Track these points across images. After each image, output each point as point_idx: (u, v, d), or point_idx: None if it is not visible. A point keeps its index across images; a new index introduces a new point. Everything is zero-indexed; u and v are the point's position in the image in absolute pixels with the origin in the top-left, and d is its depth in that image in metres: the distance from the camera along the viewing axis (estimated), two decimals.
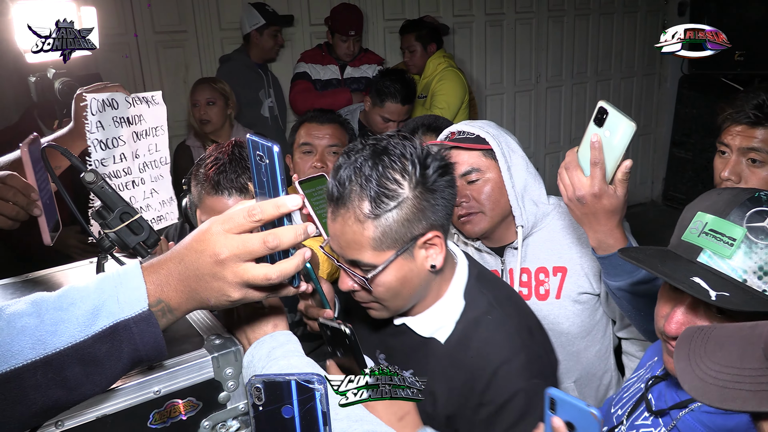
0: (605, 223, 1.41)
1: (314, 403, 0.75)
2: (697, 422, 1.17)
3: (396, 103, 3.41)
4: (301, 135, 2.45)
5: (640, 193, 6.77)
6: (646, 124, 6.63)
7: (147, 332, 0.85)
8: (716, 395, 0.71)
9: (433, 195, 1.27)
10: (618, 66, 6.30)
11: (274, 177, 0.88)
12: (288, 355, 1.02)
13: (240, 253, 0.86)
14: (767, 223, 1.07)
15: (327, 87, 4.26)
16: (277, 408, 0.76)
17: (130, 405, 0.94)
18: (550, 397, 1.02)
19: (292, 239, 0.88)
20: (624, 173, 1.38)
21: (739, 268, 1.08)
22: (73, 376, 0.82)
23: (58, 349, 0.82)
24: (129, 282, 0.86)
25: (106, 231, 1.21)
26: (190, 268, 0.87)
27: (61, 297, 0.85)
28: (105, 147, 1.41)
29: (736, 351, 0.73)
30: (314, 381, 0.74)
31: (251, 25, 4.20)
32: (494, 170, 1.82)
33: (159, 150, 1.56)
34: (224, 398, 1.03)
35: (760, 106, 1.82)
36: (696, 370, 0.75)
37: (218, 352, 1.02)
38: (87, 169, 1.19)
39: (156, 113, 1.54)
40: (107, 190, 1.19)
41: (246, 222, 0.87)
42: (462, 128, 1.87)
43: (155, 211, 1.57)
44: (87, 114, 1.37)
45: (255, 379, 0.76)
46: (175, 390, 0.98)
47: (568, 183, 1.41)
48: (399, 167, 1.25)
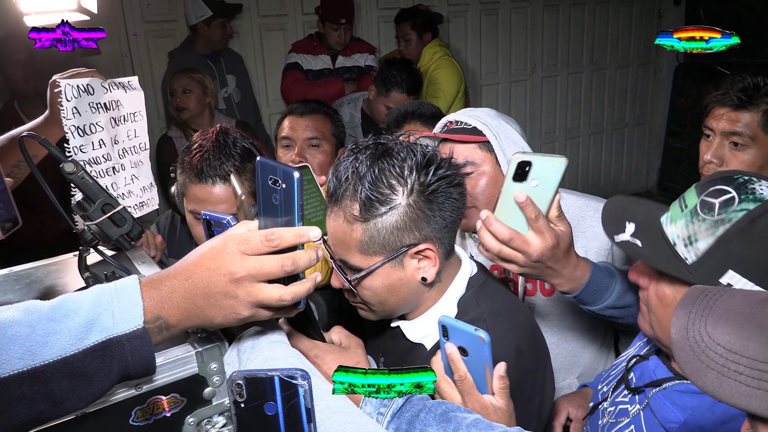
0: (568, 263, 1.31)
1: (298, 399, 0.72)
2: (668, 400, 1.18)
3: (402, 93, 3.39)
4: (283, 128, 2.41)
5: (635, 184, 6.76)
6: (642, 114, 6.61)
7: (139, 350, 0.84)
8: (712, 381, 0.65)
9: (430, 205, 1.21)
10: (613, 55, 6.27)
11: (290, 203, 0.89)
12: (273, 347, 1.00)
13: (256, 274, 0.87)
14: (718, 200, 1.07)
15: (319, 77, 4.21)
16: (260, 405, 0.73)
17: (111, 402, 0.91)
18: (442, 325, 1.09)
19: (307, 264, 0.90)
20: (557, 209, 1.25)
21: (675, 232, 1.11)
22: (59, 390, 0.80)
23: (47, 362, 0.79)
24: (126, 297, 0.85)
25: (88, 223, 1.18)
26: (198, 285, 0.87)
27: (55, 308, 0.83)
28: (83, 133, 1.38)
29: (741, 332, 0.65)
30: (297, 376, 0.71)
31: (197, 16, 4.06)
32: (490, 163, 1.73)
33: (138, 136, 1.53)
34: (209, 394, 1.01)
35: (745, 90, 1.83)
36: (693, 346, 0.68)
37: (202, 347, 0.99)
38: (66, 159, 1.15)
39: (133, 99, 1.51)
40: (88, 180, 1.16)
41: (263, 246, 0.88)
42: (460, 118, 1.79)
43: (137, 197, 1.54)
44: (62, 100, 1.33)
45: (236, 375, 0.74)
46: (158, 386, 0.95)
47: (517, 255, 1.25)
48: (397, 172, 1.20)
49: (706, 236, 1.06)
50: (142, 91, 1.53)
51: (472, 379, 1.09)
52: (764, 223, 1.02)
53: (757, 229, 1.02)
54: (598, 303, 1.40)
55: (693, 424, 1.12)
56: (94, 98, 1.40)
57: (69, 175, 1.15)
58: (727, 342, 0.65)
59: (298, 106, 2.45)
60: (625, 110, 6.52)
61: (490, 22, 5.59)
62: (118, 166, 1.48)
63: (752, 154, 1.86)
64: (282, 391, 0.73)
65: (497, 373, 1.09)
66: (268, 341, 1.01)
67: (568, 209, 1.81)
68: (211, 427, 1.02)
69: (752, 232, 1.02)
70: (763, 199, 1.04)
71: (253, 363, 0.95)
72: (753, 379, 0.62)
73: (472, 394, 1.09)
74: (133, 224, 1.21)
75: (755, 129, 1.84)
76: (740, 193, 1.06)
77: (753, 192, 1.05)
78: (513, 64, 5.80)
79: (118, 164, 1.48)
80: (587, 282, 1.36)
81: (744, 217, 1.03)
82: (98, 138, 1.42)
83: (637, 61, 6.41)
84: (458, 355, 1.08)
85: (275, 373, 0.72)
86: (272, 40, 4.81)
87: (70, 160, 1.15)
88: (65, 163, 1.15)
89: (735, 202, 1.05)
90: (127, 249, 1.25)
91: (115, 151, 1.46)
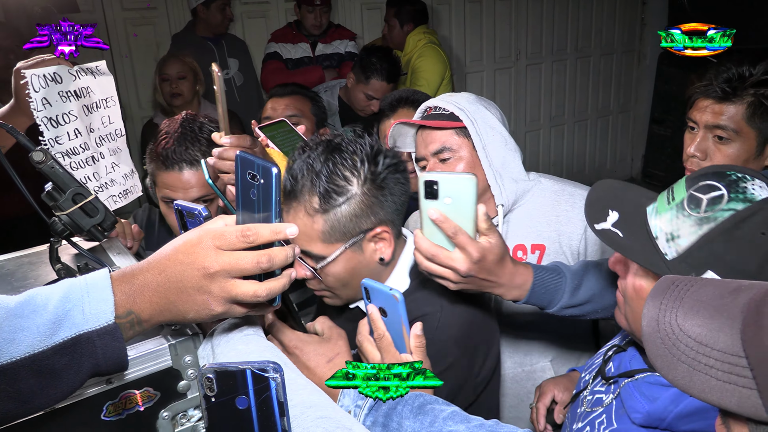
0: (503, 273, 1.31)
1: (270, 392, 0.70)
2: (637, 391, 1.17)
3: (381, 80, 3.36)
4: (265, 109, 2.50)
5: (619, 171, 6.79)
6: (626, 102, 6.63)
7: (110, 346, 0.82)
8: (683, 375, 0.62)
9: (382, 192, 1.32)
10: (598, 43, 6.27)
11: (268, 198, 0.88)
12: (247, 340, 0.98)
13: (231, 270, 0.86)
14: (707, 197, 1.03)
15: (299, 65, 4.17)
16: (231, 399, 0.71)
17: (81, 397, 0.89)
18: (365, 287, 1.16)
19: (283, 261, 0.89)
20: (485, 221, 1.25)
21: (659, 226, 1.08)
22: (27, 389, 0.77)
23: (14, 359, 0.76)
24: (96, 292, 0.82)
25: (59, 213, 1.15)
26: (172, 279, 0.85)
27: (22, 304, 0.80)
28: (56, 124, 1.34)
29: (711, 323, 0.62)
30: (269, 369, 0.69)
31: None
32: (467, 148, 1.76)
33: (113, 122, 1.49)
34: (184, 387, 0.98)
35: (730, 80, 1.77)
36: (665, 338, 0.65)
37: (176, 339, 0.97)
38: (35, 147, 1.12)
39: (103, 84, 1.46)
40: (58, 170, 1.13)
41: (238, 242, 0.86)
42: (438, 103, 1.81)
43: (120, 185, 1.51)
44: (29, 92, 1.29)
45: (206, 368, 0.71)
46: (130, 380, 0.93)
47: (445, 270, 1.26)
48: (349, 165, 1.29)
49: (690, 233, 1.02)
50: (111, 76, 1.49)
51: (390, 338, 1.17)
52: (750, 227, 0.98)
53: (742, 231, 0.98)
54: (554, 304, 1.40)
55: (655, 415, 1.11)
56: (63, 86, 1.35)
57: (38, 165, 1.12)
58: (697, 334, 0.62)
59: (279, 89, 2.56)
60: (610, 97, 6.53)
61: (475, 9, 5.56)
62: (97, 155, 1.45)
63: (736, 148, 1.80)
64: (254, 385, 0.71)
65: (413, 332, 1.15)
66: (242, 334, 0.99)
67: (544, 193, 1.83)
68: (186, 421, 1.00)
69: (737, 234, 0.98)
70: (754, 200, 0.99)
71: (226, 356, 0.94)
72: (724, 373, 0.59)
73: (390, 352, 1.16)
74: (106, 214, 1.19)
75: (740, 122, 1.78)
76: (730, 191, 1.01)
77: (744, 191, 1.01)
78: (498, 52, 5.77)
79: (96, 153, 1.44)
80: (532, 286, 1.36)
81: (730, 217, 0.99)
82: (73, 128, 1.38)
83: (621, 48, 6.41)
84: (378, 315, 1.16)
85: (246, 366, 0.70)
86: (254, 27, 4.75)
87: (39, 148, 1.12)
88: (34, 152, 1.12)
89: (723, 201, 1.01)
90: (99, 240, 1.23)
91: (92, 140, 1.43)
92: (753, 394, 0.57)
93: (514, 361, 1.93)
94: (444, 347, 1.33)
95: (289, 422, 0.72)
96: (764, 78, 1.75)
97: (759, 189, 1.02)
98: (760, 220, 0.98)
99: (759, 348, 0.57)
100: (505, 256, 1.30)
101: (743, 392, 0.58)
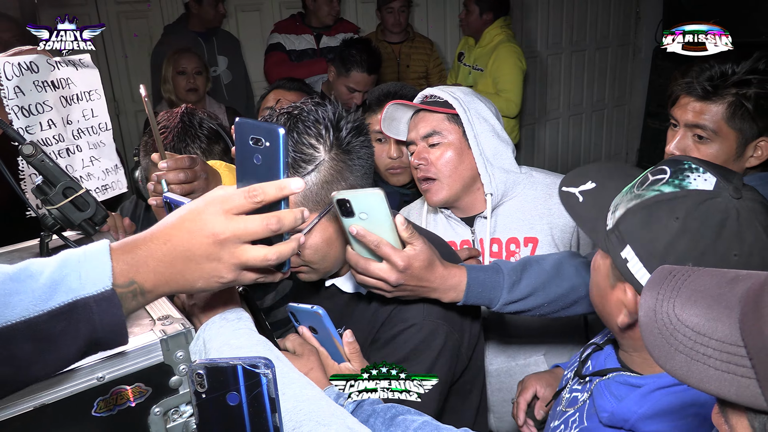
0: (433, 277, 1.31)
1: (261, 388, 0.70)
2: (606, 390, 1.17)
3: (362, 72, 3.31)
4: (268, 100, 2.49)
5: None
6: (621, 95, 6.62)
7: (108, 313, 0.80)
8: (681, 365, 0.62)
9: (349, 156, 1.32)
10: (593, 36, 6.25)
11: (275, 161, 0.86)
12: (238, 335, 0.97)
13: (241, 234, 0.84)
14: (652, 178, 1.06)
15: (302, 57, 4.14)
16: (222, 395, 0.71)
17: (71, 393, 0.88)
18: (290, 312, 1.24)
19: (293, 223, 0.88)
20: (405, 230, 1.25)
21: (615, 203, 1.12)
22: (22, 354, 0.76)
23: (9, 323, 0.75)
24: (94, 259, 0.81)
25: (49, 207, 1.14)
26: (178, 248, 0.84)
27: (19, 270, 0.79)
28: (28, 113, 1.32)
29: (709, 313, 0.62)
30: (260, 365, 0.69)
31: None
32: (457, 135, 1.80)
33: (97, 115, 1.47)
34: (176, 383, 0.98)
35: (712, 79, 1.73)
36: (662, 328, 0.65)
37: (167, 335, 0.96)
38: (25, 140, 1.11)
39: (86, 77, 1.45)
40: (48, 163, 1.12)
41: (246, 203, 0.85)
42: (434, 92, 1.85)
43: (98, 180, 1.49)
44: (2, 79, 1.28)
45: (196, 364, 0.71)
46: (121, 375, 0.92)
47: (378, 282, 1.28)
48: (314, 132, 1.29)
49: (620, 205, 1.07)
50: (96, 69, 1.47)
51: (325, 352, 1.25)
52: (666, 210, 1.00)
53: (659, 213, 1.01)
54: (495, 302, 1.40)
55: (618, 415, 1.11)
56: (39, 76, 1.33)
57: (28, 158, 1.11)
58: (695, 324, 0.62)
59: (285, 81, 2.55)
60: (605, 91, 6.52)
61: None
62: (73, 147, 1.42)
63: (715, 149, 1.77)
64: (245, 381, 0.70)
65: (345, 340, 1.22)
66: (234, 328, 0.98)
67: (536, 187, 1.84)
68: (178, 417, 0.99)
69: (654, 213, 1.01)
70: (686, 188, 1.01)
71: (218, 351, 0.93)
72: (722, 363, 0.59)
73: (329, 365, 1.25)
74: (97, 208, 1.18)
75: (720, 122, 1.74)
76: (672, 176, 1.04)
77: (684, 179, 1.03)
78: None
79: (72, 145, 1.42)
80: (467, 286, 1.35)
81: (654, 197, 1.02)
82: (46, 118, 1.36)
83: (616, 42, 6.40)
84: (309, 333, 1.25)
85: (237, 361, 0.70)
86: (248, 21, 4.72)
87: (29, 142, 1.11)
88: (24, 145, 1.11)
89: (660, 183, 1.04)
90: (91, 234, 1.22)
91: (68, 132, 1.41)
92: (752, 383, 0.57)
93: (508, 355, 1.94)
94: (435, 327, 1.36)
95: (281, 418, 0.71)
96: (746, 78, 1.71)
97: (700, 181, 1.02)
98: (678, 207, 1.00)
99: (758, 337, 0.57)
100: (433, 260, 1.30)
101: (742, 381, 0.58)
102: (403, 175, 2.31)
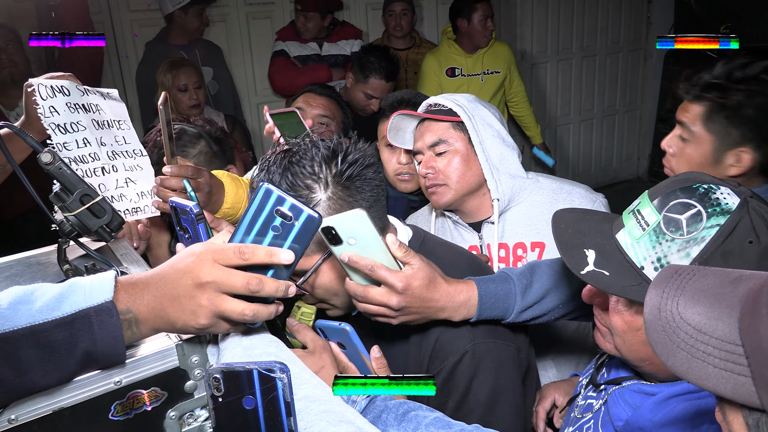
0: (438, 296, 1.25)
1: (277, 393, 0.71)
2: (621, 398, 1.17)
3: (380, 79, 3.35)
4: (298, 101, 2.52)
5: (625, 170, 6.76)
6: (632, 101, 6.60)
7: (107, 324, 0.84)
8: (682, 362, 0.63)
9: (349, 192, 1.25)
10: (603, 42, 6.24)
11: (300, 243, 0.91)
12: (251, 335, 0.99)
13: (221, 284, 0.88)
14: (684, 217, 1.01)
15: (306, 62, 4.17)
16: (238, 399, 0.72)
17: (89, 396, 0.89)
18: (319, 329, 1.25)
19: (273, 292, 0.91)
20: (398, 249, 1.20)
21: (642, 255, 1.05)
22: (26, 358, 0.81)
23: (16, 328, 0.81)
24: (100, 283, 0.87)
25: (66, 214, 1.16)
26: (168, 286, 0.89)
27: (29, 289, 0.86)
28: (65, 131, 1.34)
29: (711, 312, 0.64)
30: (276, 370, 0.70)
31: (175, 4, 3.92)
32: (463, 142, 1.81)
33: (129, 143, 1.49)
34: (191, 387, 0.99)
35: (698, 80, 1.76)
36: (665, 325, 0.66)
37: (182, 339, 0.98)
38: (43, 149, 1.13)
39: (114, 108, 1.47)
40: (65, 171, 1.14)
41: (234, 258, 0.89)
42: (438, 101, 1.86)
43: (130, 201, 1.49)
44: (36, 98, 1.30)
45: (213, 368, 0.72)
46: (137, 380, 0.93)
47: (380, 308, 1.22)
48: (308, 172, 1.24)
49: (680, 258, 1.01)
50: (123, 103, 1.50)
51: (354, 367, 1.23)
52: (738, 238, 0.98)
53: (732, 244, 0.98)
54: (510, 312, 1.33)
55: (634, 423, 1.10)
56: (71, 99, 1.36)
57: (46, 166, 1.13)
58: (697, 322, 0.64)
59: (317, 87, 2.58)
60: (616, 96, 6.50)
61: None
62: (109, 167, 1.43)
63: (692, 150, 1.77)
64: (261, 385, 0.71)
65: (372, 356, 1.21)
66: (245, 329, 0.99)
67: (542, 192, 1.85)
68: (193, 421, 1.00)
69: (729, 248, 0.98)
70: (730, 210, 0.99)
71: (231, 352, 0.94)
72: (721, 360, 0.61)
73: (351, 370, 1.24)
74: (113, 215, 1.19)
75: (698, 124, 1.75)
76: (705, 206, 1.00)
77: (718, 203, 1.00)
78: None
79: (108, 165, 1.43)
80: (480, 300, 1.29)
81: (717, 234, 0.98)
82: (82, 137, 1.37)
83: (626, 47, 6.39)
84: (338, 349, 1.24)
85: (253, 366, 0.71)
86: (259, 29, 4.76)
87: (47, 150, 1.13)
88: (42, 153, 1.13)
89: (703, 218, 1.00)
90: (107, 241, 1.23)
91: (103, 152, 1.42)
92: (747, 381, 0.59)
93: None
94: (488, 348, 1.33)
95: (296, 422, 0.72)
96: (714, 81, 1.71)
97: (729, 197, 1.01)
98: (744, 230, 0.98)
99: (754, 337, 0.59)
100: (434, 277, 1.24)
101: (738, 379, 0.60)
102: (412, 183, 2.32)
